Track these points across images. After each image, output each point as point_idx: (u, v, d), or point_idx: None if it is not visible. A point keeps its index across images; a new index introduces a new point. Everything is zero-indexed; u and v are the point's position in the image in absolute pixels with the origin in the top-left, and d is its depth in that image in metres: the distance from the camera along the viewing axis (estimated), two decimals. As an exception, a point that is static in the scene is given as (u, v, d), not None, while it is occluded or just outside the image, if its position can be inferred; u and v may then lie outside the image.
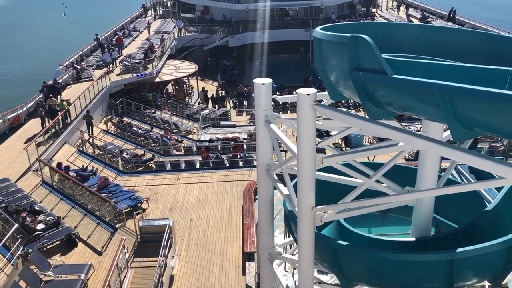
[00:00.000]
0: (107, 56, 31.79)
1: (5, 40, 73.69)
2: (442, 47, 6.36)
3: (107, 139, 23.86)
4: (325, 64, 5.70)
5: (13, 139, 21.86)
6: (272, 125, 6.56)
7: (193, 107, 31.50)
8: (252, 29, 43.67)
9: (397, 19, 44.85)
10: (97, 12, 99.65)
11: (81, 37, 58.09)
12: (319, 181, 5.96)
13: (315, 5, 45.49)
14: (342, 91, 5.66)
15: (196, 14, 48.71)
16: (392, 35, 6.81)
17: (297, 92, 5.66)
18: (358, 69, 4.86)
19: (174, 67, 34.49)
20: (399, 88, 4.38)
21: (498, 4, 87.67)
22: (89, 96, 25.89)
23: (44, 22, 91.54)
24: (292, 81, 36.06)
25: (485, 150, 19.54)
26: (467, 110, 3.81)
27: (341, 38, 5.03)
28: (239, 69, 41.30)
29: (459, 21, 42.66)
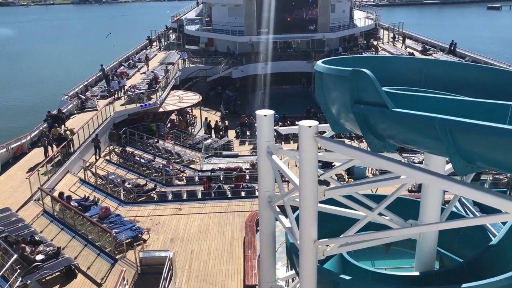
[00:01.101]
0: (115, 83, 32.71)
1: (11, 69, 74.93)
2: (443, 81, 6.42)
3: (110, 168, 23.87)
4: (327, 96, 5.76)
5: (16, 168, 21.89)
6: (274, 156, 6.57)
7: (196, 137, 31.63)
8: (255, 60, 44.28)
9: (398, 51, 45.43)
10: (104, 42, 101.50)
11: (87, 67, 59.00)
12: (321, 213, 5.92)
13: (317, 38, 46.26)
14: (344, 123, 5.69)
15: (201, 46, 49.52)
16: (393, 68, 6.90)
17: (298, 124, 5.69)
18: (359, 102, 4.91)
19: (178, 98, 34.82)
20: (400, 121, 4.41)
21: (497, 38, 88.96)
22: (93, 126, 26.05)
23: (50, 52, 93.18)
24: (294, 112, 36.29)
25: (488, 182, 19.41)
26: (468, 144, 3.81)
27: (342, 71, 5.10)
28: (242, 99, 41.66)
29: (459, 53, 43.18)
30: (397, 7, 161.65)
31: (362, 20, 51.87)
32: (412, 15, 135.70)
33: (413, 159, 22.64)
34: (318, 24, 45.33)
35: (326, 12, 45.16)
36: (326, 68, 5.55)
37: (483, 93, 5.70)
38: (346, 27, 48.22)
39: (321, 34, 45.75)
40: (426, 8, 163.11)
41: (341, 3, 49.75)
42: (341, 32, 47.18)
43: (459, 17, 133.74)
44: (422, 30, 63.98)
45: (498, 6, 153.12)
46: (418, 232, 6.39)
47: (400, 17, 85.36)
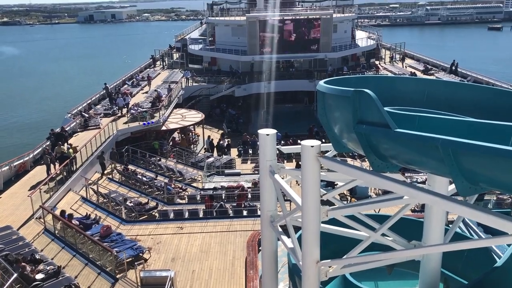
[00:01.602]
0: (121, 100, 33.19)
1: (15, 87, 75.59)
2: (445, 101, 6.44)
3: (112, 186, 23.84)
4: (329, 116, 5.77)
5: (18, 186, 21.89)
6: (277, 175, 6.56)
7: (198, 155, 31.64)
8: (257, 79, 44.58)
9: (400, 71, 45.69)
10: (108, 61, 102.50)
11: (90, 85, 59.51)
12: (324, 233, 5.87)
13: (319, 57, 46.63)
14: (346, 143, 5.69)
15: (204, 65, 49.95)
16: (395, 88, 6.92)
17: (301, 144, 5.68)
18: (361, 122, 4.91)
19: (181, 116, 34.97)
20: (402, 142, 4.40)
21: (498, 58, 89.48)
22: (96, 144, 26.12)
23: (55, 70, 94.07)
24: (296, 131, 36.37)
25: (492, 203, 19.26)
26: (471, 166, 3.79)
27: (345, 92, 5.12)
28: (244, 118, 41.81)
29: (461, 73, 43.40)
30: (398, 27, 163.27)
31: (364, 40, 52.32)
32: (413, 35, 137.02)
33: (416, 178, 22.55)
34: (320, 44, 45.74)
35: (328, 32, 45.62)
36: (328, 88, 5.57)
37: (485, 114, 5.70)
38: (348, 47, 48.65)
39: (323, 54, 46.13)
40: (428, 28, 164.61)
41: (343, 24, 50.29)
42: (343, 52, 47.57)
43: (460, 37, 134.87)
44: (423, 50, 64.50)
45: (499, 27, 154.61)
46: (422, 253, 6.32)
47: (401, 37, 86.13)
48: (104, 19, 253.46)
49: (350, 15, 52.40)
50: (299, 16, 47.43)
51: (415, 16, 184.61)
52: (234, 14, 53.96)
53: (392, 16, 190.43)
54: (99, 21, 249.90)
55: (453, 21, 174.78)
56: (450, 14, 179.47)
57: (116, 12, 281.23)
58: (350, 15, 52.28)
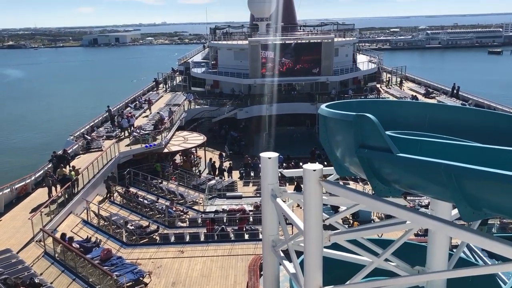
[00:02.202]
0: (125, 121, 33.59)
1: (20, 109, 76.10)
2: (447, 125, 6.44)
3: (113, 209, 23.72)
4: (331, 140, 5.77)
5: (19, 209, 21.79)
6: (278, 199, 6.52)
7: (200, 177, 31.57)
8: (259, 102, 44.85)
9: (401, 94, 45.91)
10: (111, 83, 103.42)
11: (94, 108, 59.91)
12: (326, 258, 5.81)
13: (320, 80, 46.99)
14: (349, 167, 5.67)
15: (206, 88, 50.35)
16: (397, 112, 6.94)
17: (303, 167, 5.67)
18: (363, 147, 4.90)
19: (183, 138, 35.04)
20: (405, 166, 4.39)
21: (498, 81, 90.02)
22: (98, 166, 26.11)
23: (58, 93, 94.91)
24: (298, 153, 36.38)
25: (496, 227, 19.08)
26: (474, 191, 3.77)
27: (346, 116, 5.13)
28: (246, 140, 41.88)
29: (462, 97, 43.56)
30: (399, 51, 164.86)
31: (365, 64, 52.79)
32: (414, 59, 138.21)
33: (418, 201, 22.40)
34: (322, 67, 46.17)
35: (330, 56, 46.09)
36: (330, 112, 5.59)
37: (487, 138, 5.70)
38: (350, 70, 49.08)
39: (324, 77, 46.50)
40: (428, 52, 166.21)
41: (344, 48, 50.85)
42: (344, 75, 47.97)
43: (460, 61, 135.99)
44: (424, 73, 64.97)
45: (499, 51, 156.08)
46: (426, 280, 6.23)
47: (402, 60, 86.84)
48: (108, 43, 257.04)
49: (351, 39, 53.03)
50: (300, 40, 48.02)
51: (416, 40, 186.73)
52: (237, 38, 54.71)
53: (393, 40, 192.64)
54: (103, 45, 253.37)
55: (454, 45, 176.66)
56: (451, 38, 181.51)
57: (120, 35, 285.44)
58: (351, 39, 52.91)
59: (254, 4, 54.01)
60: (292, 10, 66.02)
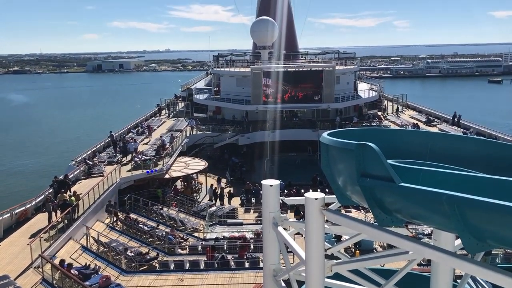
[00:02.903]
0: (131, 145, 34.35)
1: (22, 134, 76.55)
2: (448, 154, 6.43)
3: (113, 235, 23.54)
4: (333, 168, 5.76)
5: (18, 234, 21.63)
6: (280, 228, 6.47)
7: (201, 203, 31.42)
8: (261, 128, 45.07)
9: (402, 122, 46.10)
10: (114, 109, 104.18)
11: (96, 133, 60.18)
12: (328, 289, 5.72)
13: (322, 107, 47.30)
14: (350, 195, 5.64)
15: (208, 114, 50.69)
16: (398, 140, 6.95)
17: (305, 196, 5.65)
18: (365, 176, 4.89)
19: (184, 164, 35.05)
20: (407, 196, 4.37)
21: (499, 110, 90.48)
22: (99, 192, 26.04)
23: (61, 118, 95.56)
24: (300, 179, 36.29)
25: (500, 257, 18.83)
26: (478, 222, 3.74)
27: (348, 145, 5.13)
28: (248, 166, 41.85)
29: (463, 125, 43.67)
30: (400, 79, 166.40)
31: (366, 92, 53.22)
32: (415, 87, 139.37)
33: (421, 230, 22.20)
34: (323, 94, 46.55)
35: (331, 84, 46.53)
36: (331, 140, 5.60)
37: (489, 168, 5.69)
38: (351, 97, 49.46)
39: (326, 104, 46.82)
40: (429, 81, 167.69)
41: (345, 75, 51.39)
42: (345, 103, 48.31)
43: (461, 89, 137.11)
44: (425, 101, 65.40)
45: (499, 80, 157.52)
46: (429, 311, 6.11)
47: (403, 88, 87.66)
48: (112, 69, 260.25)
49: (352, 67, 53.65)
50: (302, 68, 48.59)
51: (416, 69, 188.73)
52: (239, 66, 55.40)
53: (394, 68, 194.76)
54: (107, 71, 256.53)
55: (454, 74, 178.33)
56: (451, 67, 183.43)
57: (124, 62, 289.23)
58: (352, 67, 53.53)
59: (256, 33, 54.95)
60: (294, 38, 67.08)
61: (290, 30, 63.98)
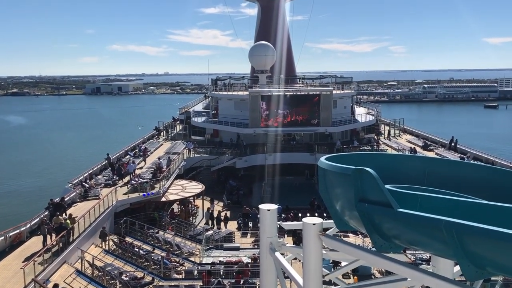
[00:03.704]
0: (131, 166, 34.51)
1: (19, 156, 76.30)
2: (446, 179, 6.43)
3: (108, 259, 23.23)
4: (331, 193, 5.75)
5: (12, 258, 21.31)
6: (277, 253, 6.40)
7: (197, 227, 31.16)
8: (259, 151, 45.08)
9: (399, 146, 46.21)
10: (112, 131, 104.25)
11: (93, 155, 60.06)
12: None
13: (319, 131, 47.46)
14: (348, 221, 5.61)
15: (206, 137, 50.76)
16: (396, 166, 6.95)
17: (302, 221, 5.62)
18: (363, 201, 4.88)
19: (181, 187, 34.89)
20: (405, 222, 4.35)
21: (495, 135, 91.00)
22: (94, 215, 25.81)
23: (59, 140, 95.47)
24: (297, 203, 36.14)
25: (499, 284, 18.63)
26: (477, 249, 3.71)
27: (346, 169, 5.13)
28: (245, 189, 41.68)
29: (460, 150, 43.79)
30: (396, 104, 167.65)
31: (364, 116, 53.54)
32: (412, 112, 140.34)
33: (420, 256, 22.01)
34: (321, 118, 46.77)
35: (328, 108, 46.81)
36: (329, 165, 5.60)
37: (487, 193, 5.68)
38: (348, 121, 49.70)
39: (323, 128, 47.00)
40: (425, 105, 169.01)
41: (343, 100, 51.78)
42: (343, 127, 48.52)
43: (458, 114, 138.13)
44: (422, 126, 65.77)
45: (495, 105, 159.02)
46: None
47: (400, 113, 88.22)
48: (110, 91, 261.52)
49: (349, 91, 54.09)
50: (300, 92, 48.96)
51: (413, 94, 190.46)
52: (237, 89, 55.79)
53: (391, 93, 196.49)
54: (105, 93, 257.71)
55: (450, 99, 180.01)
56: (447, 92, 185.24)
57: (123, 85, 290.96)
58: (349, 91, 53.97)
59: (255, 57, 55.57)
60: (292, 63, 67.82)
61: (287, 55, 64.75)
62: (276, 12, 65.08)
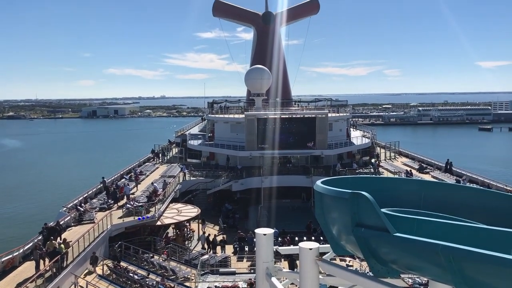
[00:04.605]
0: (128, 189, 34.56)
1: (14, 180, 75.78)
2: (442, 202, 6.44)
3: (102, 285, 22.85)
4: (327, 217, 5.73)
5: (4, 283, 20.90)
6: (274, 278, 6.33)
7: (193, 252, 30.79)
8: (255, 174, 44.99)
9: (395, 169, 46.26)
10: (107, 154, 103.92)
11: (88, 179, 59.71)
12: None
13: (315, 154, 47.53)
14: (345, 245, 5.58)
15: (202, 160, 50.69)
16: (392, 189, 6.96)
17: (299, 246, 5.58)
18: (360, 225, 4.86)
19: (177, 211, 34.62)
20: (402, 247, 4.33)
21: (490, 157, 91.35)
22: (89, 239, 25.49)
23: (54, 163, 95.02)
24: (294, 226, 35.87)
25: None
26: (474, 274, 3.69)
27: (342, 193, 5.13)
28: (241, 213, 41.39)
29: (456, 172, 43.86)
30: (392, 126, 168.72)
31: (359, 138, 53.75)
32: (407, 134, 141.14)
33: (417, 280, 21.78)
34: (317, 141, 46.89)
35: (324, 131, 47.00)
36: (325, 189, 5.60)
37: (483, 216, 5.68)
38: (344, 144, 49.85)
39: (319, 151, 47.09)
40: (420, 128, 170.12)
41: (338, 122, 52.05)
42: (339, 149, 48.61)
43: (453, 137, 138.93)
44: (417, 148, 66.04)
45: (489, 128, 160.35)
46: None
47: (395, 135, 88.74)
48: (106, 115, 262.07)
49: (345, 114, 54.42)
50: (296, 115, 49.23)
51: (408, 116, 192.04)
52: (233, 112, 56.05)
53: (386, 115, 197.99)
54: (101, 116, 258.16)
55: (445, 121, 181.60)
56: (441, 115, 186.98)
57: (119, 108, 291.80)
58: (344, 114, 54.30)
59: (250, 81, 56.03)
60: (287, 86, 68.45)
61: (283, 78, 65.42)
62: (272, 37, 66.03)
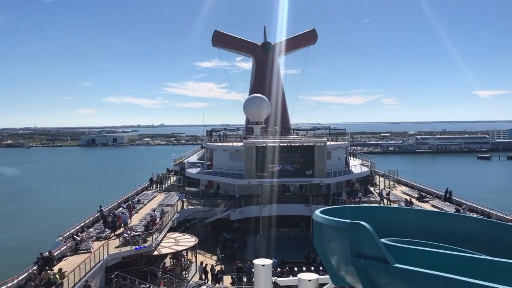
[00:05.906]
0: (126, 217, 34.53)
1: (10, 208, 75.22)
2: (442, 232, 6.40)
3: (96, 316, 22.34)
4: (326, 247, 5.68)
5: (-4, 315, 20.49)
6: (272, 311, 6.21)
7: (190, 282, 30.25)
8: (253, 203, 44.70)
9: (395, 198, 46.00)
10: (105, 183, 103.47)
11: (85, 208, 59.25)
12: None
13: (314, 182, 47.37)
14: (345, 276, 5.51)
15: (200, 188, 50.45)
16: (392, 219, 6.91)
17: (298, 277, 5.50)
18: (359, 256, 4.81)
19: (174, 240, 34.21)
20: (402, 278, 4.27)
21: (489, 186, 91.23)
22: (85, 270, 25.07)
23: (52, 192, 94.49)
24: (293, 256, 35.42)
25: None
26: (476, 306, 3.62)
27: (341, 224, 5.09)
28: (239, 242, 40.89)
29: (456, 201, 43.62)
30: (390, 155, 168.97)
31: (358, 167, 53.70)
32: (406, 163, 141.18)
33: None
34: (315, 169, 46.82)
35: (323, 159, 47.00)
36: (324, 219, 5.56)
37: (485, 247, 5.62)
38: (343, 173, 49.75)
39: (318, 179, 46.95)
40: (419, 156, 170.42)
41: (337, 151, 52.10)
42: (337, 178, 48.49)
43: (451, 165, 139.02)
44: (416, 177, 65.91)
45: (487, 156, 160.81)
46: None
47: (394, 164, 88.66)
48: (105, 143, 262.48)
49: (343, 143, 54.55)
50: (294, 143, 49.32)
51: (406, 145, 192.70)
52: (232, 140, 56.17)
53: (384, 144, 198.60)
54: (100, 145, 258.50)
55: (443, 150, 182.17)
56: (440, 144, 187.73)
57: (118, 136, 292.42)
58: (343, 143, 54.43)
59: (249, 109, 56.42)
60: (286, 114, 68.87)
61: (282, 107, 65.89)
62: (271, 66, 66.89)
